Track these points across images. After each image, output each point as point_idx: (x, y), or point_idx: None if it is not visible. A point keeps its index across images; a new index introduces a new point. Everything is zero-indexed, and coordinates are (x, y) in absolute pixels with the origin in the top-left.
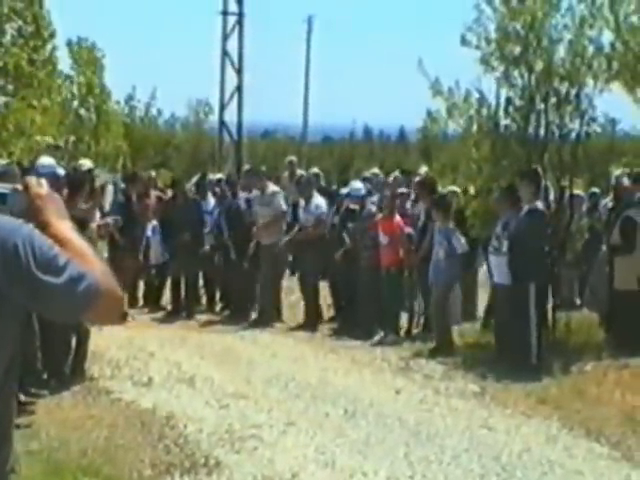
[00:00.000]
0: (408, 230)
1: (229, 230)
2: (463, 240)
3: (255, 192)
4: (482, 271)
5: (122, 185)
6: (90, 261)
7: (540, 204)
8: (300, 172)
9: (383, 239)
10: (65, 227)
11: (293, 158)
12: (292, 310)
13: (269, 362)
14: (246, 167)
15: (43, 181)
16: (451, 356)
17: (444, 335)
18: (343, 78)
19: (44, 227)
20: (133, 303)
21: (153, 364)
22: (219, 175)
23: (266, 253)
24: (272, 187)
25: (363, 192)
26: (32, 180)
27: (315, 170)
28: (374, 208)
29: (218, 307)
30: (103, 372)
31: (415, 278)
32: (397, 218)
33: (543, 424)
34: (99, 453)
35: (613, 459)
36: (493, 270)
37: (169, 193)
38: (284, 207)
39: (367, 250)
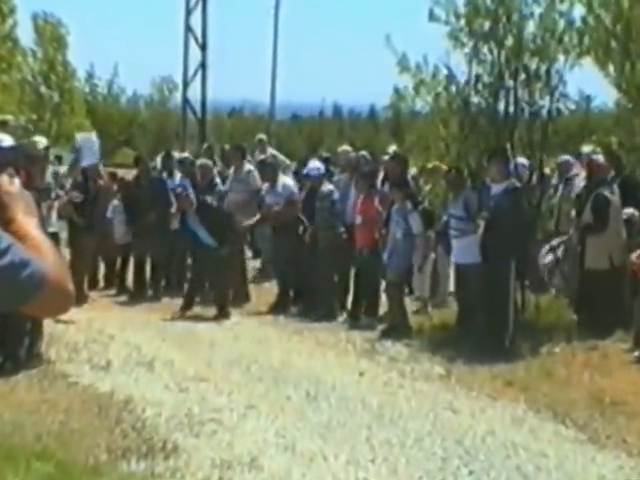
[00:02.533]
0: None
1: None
2: (419, 220)
3: (230, 170)
4: None
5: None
6: (44, 254)
7: (517, 183)
8: (271, 151)
9: (357, 219)
10: (29, 224)
11: (263, 136)
12: (258, 292)
13: (231, 345)
14: (205, 145)
15: (16, 180)
16: (409, 338)
17: (399, 317)
18: (312, 54)
19: (8, 223)
20: (93, 285)
21: (112, 347)
22: (185, 154)
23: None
24: (248, 165)
25: (321, 171)
26: (3, 178)
27: (273, 151)
28: (331, 187)
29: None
30: (60, 355)
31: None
32: (373, 197)
33: (509, 407)
34: (54, 438)
35: (579, 442)
36: (455, 251)
37: (128, 172)
38: (259, 185)
39: (327, 230)
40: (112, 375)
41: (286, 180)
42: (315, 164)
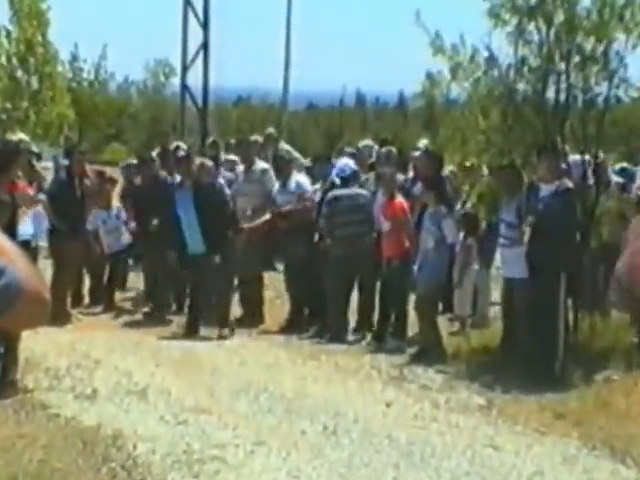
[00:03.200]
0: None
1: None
2: (454, 227)
3: (239, 169)
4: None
5: (64, 162)
6: (14, 260)
7: (569, 183)
8: (283, 147)
9: (384, 225)
10: None
11: (272, 131)
12: (268, 309)
13: (237, 370)
14: (210, 139)
15: None
16: (443, 362)
17: (432, 339)
18: (331, 35)
19: None
20: (77, 301)
21: (99, 373)
22: (180, 143)
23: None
24: (261, 163)
25: (355, 172)
26: None
27: (285, 146)
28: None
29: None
30: (39, 383)
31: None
32: (399, 199)
33: (560, 443)
34: (31, 479)
35: None
36: (504, 263)
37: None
38: (273, 189)
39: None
40: (99, 406)
41: (299, 177)
42: (346, 162)
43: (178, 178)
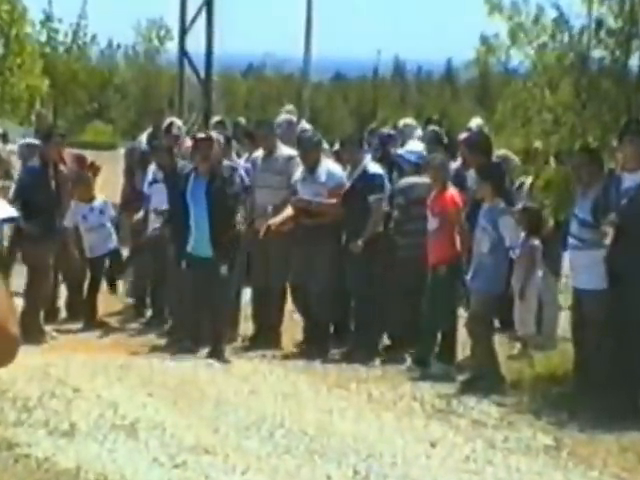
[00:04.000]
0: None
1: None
2: (515, 226)
3: (257, 154)
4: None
5: (34, 141)
6: None
7: None
8: (304, 126)
9: (431, 222)
10: None
11: (291, 108)
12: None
13: (247, 401)
14: (216, 118)
15: None
16: (501, 392)
17: (487, 363)
18: None
19: None
20: (52, 315)
21: (78, 404)
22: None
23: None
24: (286, 149)
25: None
26: None
27: (306, 127)
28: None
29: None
30: (5, 416)
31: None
32: (451, 191)
33: None
34: None
35: None
36: (574, 270)
37: (100, 155)
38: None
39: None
40: (78, 444)
41: (330, 165)
42: (416, 146)
43: (181, 163)
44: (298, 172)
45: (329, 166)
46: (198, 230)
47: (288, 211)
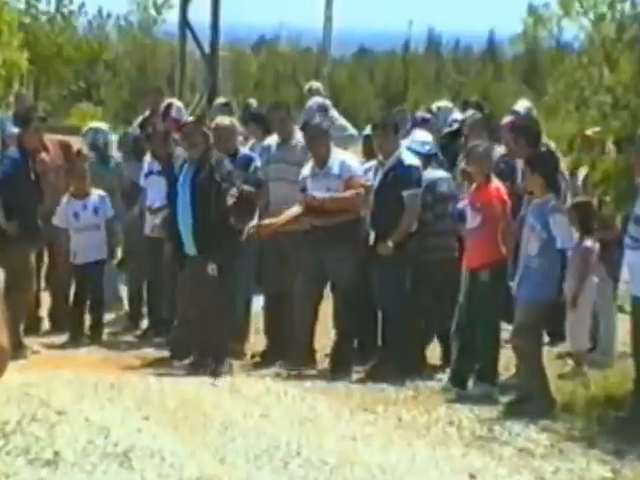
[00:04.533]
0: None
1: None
2: (568, 225)
3: (269, 141)
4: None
5: (14, 130)
6: None
7: None
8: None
9: (471, 220)
10: None
11: (317, 84)
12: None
13: (258, 426)
14: (221, 100)
15: None
16: (550, 417)
17: (535, 383)
18: None
19: None
20: (34, 326)
21: (63, 429)
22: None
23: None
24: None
25: (431, 150)
26: None
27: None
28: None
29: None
30: None
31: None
32: (495, 183)
33: None
34: None
35: None
36: (632, 276)
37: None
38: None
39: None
40: (63, 475)
41: (342, 155)
42: (424, 136)
43: (178, 150)
44: (307, 167)
45: (341, 156)
46: (184, 226)
47: (294, 210)
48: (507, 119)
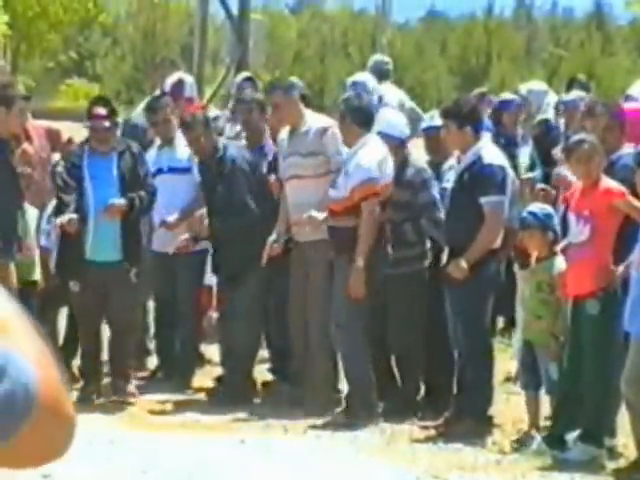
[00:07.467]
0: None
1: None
2: None
3: (283, 135)
4: None
5: None
6: (18, 336)
7: None
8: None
9: (577, 232)
10: None
11: (384, 59)
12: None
13: None
14: (243, 75)
15: None
16: None
17: None
18: None
19: None
20: None
21: None
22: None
23: (317, 264)
24: (316, 119)
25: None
26: None
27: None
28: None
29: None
30: None
31: None
32: (606, 184)
33: None
34: None
35: None
36: None
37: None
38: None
39: None
40: None
41: (363, 150)
42: (395, 116)
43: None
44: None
45: (361, 150)
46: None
47: (313, 213)
48: (621, 104)
